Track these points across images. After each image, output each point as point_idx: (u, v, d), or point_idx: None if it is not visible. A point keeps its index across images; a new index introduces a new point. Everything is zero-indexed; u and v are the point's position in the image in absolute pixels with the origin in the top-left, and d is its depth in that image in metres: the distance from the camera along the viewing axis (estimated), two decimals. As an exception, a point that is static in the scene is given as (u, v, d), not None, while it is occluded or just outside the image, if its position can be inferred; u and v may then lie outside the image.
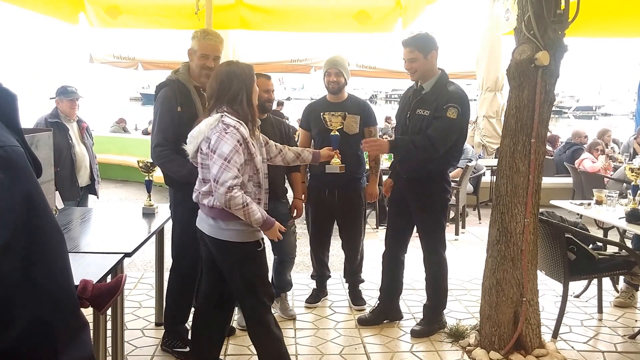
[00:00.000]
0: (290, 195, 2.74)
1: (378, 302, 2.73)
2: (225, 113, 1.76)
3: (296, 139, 3.18)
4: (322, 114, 2.45)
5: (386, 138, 3.44)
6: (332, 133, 2.30)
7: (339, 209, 2.79)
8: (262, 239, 1.88)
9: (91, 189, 3.34)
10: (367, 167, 2.96)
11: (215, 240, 1.83)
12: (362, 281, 2.98)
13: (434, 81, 2.41)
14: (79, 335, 0.59)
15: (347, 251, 2.91)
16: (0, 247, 0.51)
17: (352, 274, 2.92)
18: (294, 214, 2.73)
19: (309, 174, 2.90)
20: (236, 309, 2.68)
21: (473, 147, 6.05)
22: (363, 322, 2.67)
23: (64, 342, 0.56)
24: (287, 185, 2.78)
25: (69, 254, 1.88)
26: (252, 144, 1.79)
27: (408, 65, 2.41)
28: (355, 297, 2.90)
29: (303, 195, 2.75)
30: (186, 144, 1.92)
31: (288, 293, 3.04)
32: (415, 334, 2.53)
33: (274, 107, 10.43)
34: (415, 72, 2.42)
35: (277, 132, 2.60)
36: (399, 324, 2.68)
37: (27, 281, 0.53)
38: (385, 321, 2.66)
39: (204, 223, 1.86)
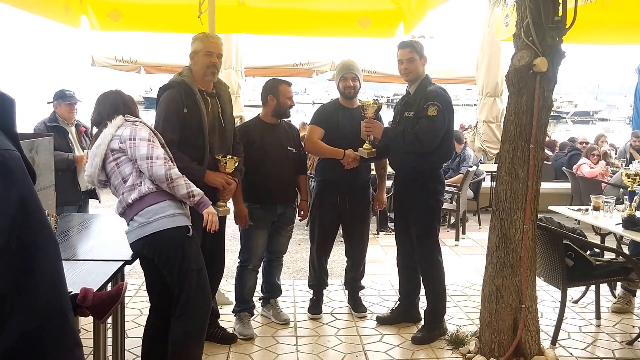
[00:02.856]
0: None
1: (398, 302, 2.79)
2: (127, 115, 1.85)
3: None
4: (360, 103, 2.67)
5: None
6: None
7: (349, 214, 2.78)
8: (191, 225, 1.87)
9: (92, 193, 3.33)
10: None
11: (150, 237, 1.77)
12: (363, 288, 2.97)
13: (417, 84, 2.55)
14: (74, 353, 0.57)
15: (354, 257, 2.89)
16: None
17: (355, 280, 2.91)
18: (301, 214, 2.75)
19: (315, 179, 2.89)
20: (235, 318, 2.68)
21: (474, 152, 6.07)
22: (381, 321, 2.73)
23: (56, 358, 0.55)
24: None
25: (69, 261, 1.88)
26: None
27: (406, 65, 2.54)
28: (356, 304, 2.89)
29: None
30: (190, 146, 1.94)
31: (289, 300, 3.03)
32: (416, 340, 2.54)
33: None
34: (411, 73, 2.55)
35: (291, 137, 2.65)
36: (399, 331, 2.68)
37: (18, 291, 0.52)
38: (403, 322, 2.72)
39: (137, 231, 1.81)
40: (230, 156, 2.24)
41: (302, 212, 2.75)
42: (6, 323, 0.51)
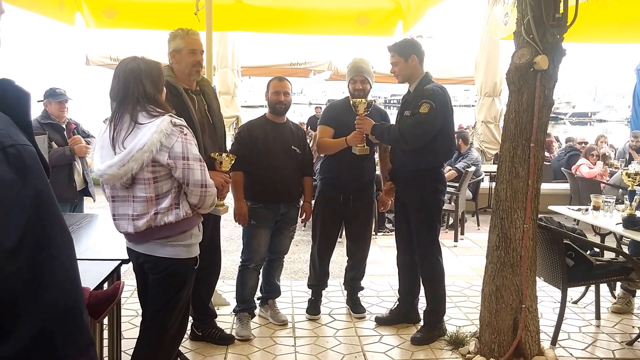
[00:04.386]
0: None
1: (397, 303, 2.77)
2: (170, 114, 1.63)
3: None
4: (352, 100, 2.61)
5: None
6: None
7: (352, 214, 2.76)
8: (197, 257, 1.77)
9: (86, 191, 3.29)
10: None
11: (158, 259, 1.69)
12: (362, 288, 2.95)
13: (417, 83, 2.54)
14: (89, 352, 0.56)
15: (356, 256, 2.87)
16: (9, 249, 0.49)
17: (354, 280, 2.89)
18: (303, 217, 2.74)
19: (317, 177, 2.87)
20: (235, 318, 2.65)
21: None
22: (380, 322, 2.71)
23: (70, 357, 0.54)
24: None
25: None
26: None
27: (392, 68, 2.57)
28: (355, 305, 2.87)
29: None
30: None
31: (287, 301, 3.00)
32: (415, 341, 2.52)
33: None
34: (398, 76, 2.57)
35: (296, 137, 2.62)
36: (398, 332, 2.66)
37: (34, 287, 0.51)
38: (402, 322, 2.70)
39: (145, 246, 1.69)
40: (225, 154, 2.21)
41: (305, 214, 2.72)
42: (20, 322, 0.50)
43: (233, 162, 2.22)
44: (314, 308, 2.83)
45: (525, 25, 2.13)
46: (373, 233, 4.58)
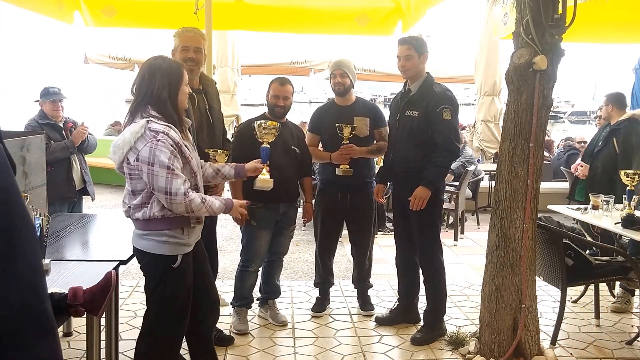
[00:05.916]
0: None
1: (397, 303, 2.77)
2: (151, 118, 1.64)
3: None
4: (337, 124, 2.61)
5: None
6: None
7: (351, 212, 2.78)
8: (184, 255, 1.74)
9: (84, 190, 3.29)
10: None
11: (137, 250, 1.75)
12: (371, 286, 2.96)
13: (420, 83, 2.53)
14: (54, 338, 0.56)
15: (358, 255, 2.88)
16: None
17: (362, 279, 2.91)
18: (305, 218, 2.75)
19: (317, 178, 2.89)
20: (232, 311, 2.65)
21: (472, 151, 6.05)
22: (380, 322, 2.71)
23: (34, 344, 0.53)
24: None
25: (62, 261, 1.84)
26: (185, 146, 1.69)
27: (403, 62, 2.52)
28: (364, 302, 2.89)
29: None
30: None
31: (287, 301, 2.99)
32: (415, 341, 2.52)
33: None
34: (408, 71, 2.53)
35: (296, 137, 2.63)
36: (398, 332, 2.66)
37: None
38: (402, 322, 2.70)
39: (134, 237, 1.75)
40: (220, 150, 2.20)
41: (307, 215, 2.73)
42: None
43: (227, 158, 2.21)
44: (319, 305, 2.85)
45: (524, 25, 2.13)
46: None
